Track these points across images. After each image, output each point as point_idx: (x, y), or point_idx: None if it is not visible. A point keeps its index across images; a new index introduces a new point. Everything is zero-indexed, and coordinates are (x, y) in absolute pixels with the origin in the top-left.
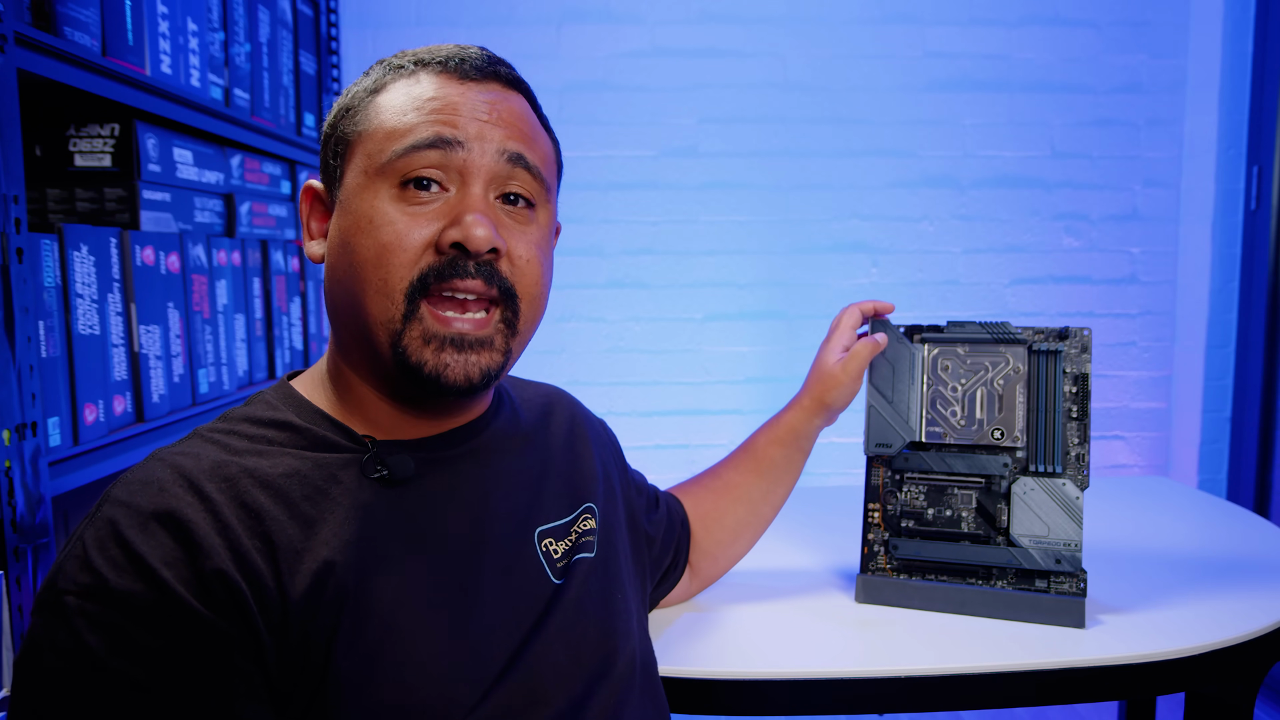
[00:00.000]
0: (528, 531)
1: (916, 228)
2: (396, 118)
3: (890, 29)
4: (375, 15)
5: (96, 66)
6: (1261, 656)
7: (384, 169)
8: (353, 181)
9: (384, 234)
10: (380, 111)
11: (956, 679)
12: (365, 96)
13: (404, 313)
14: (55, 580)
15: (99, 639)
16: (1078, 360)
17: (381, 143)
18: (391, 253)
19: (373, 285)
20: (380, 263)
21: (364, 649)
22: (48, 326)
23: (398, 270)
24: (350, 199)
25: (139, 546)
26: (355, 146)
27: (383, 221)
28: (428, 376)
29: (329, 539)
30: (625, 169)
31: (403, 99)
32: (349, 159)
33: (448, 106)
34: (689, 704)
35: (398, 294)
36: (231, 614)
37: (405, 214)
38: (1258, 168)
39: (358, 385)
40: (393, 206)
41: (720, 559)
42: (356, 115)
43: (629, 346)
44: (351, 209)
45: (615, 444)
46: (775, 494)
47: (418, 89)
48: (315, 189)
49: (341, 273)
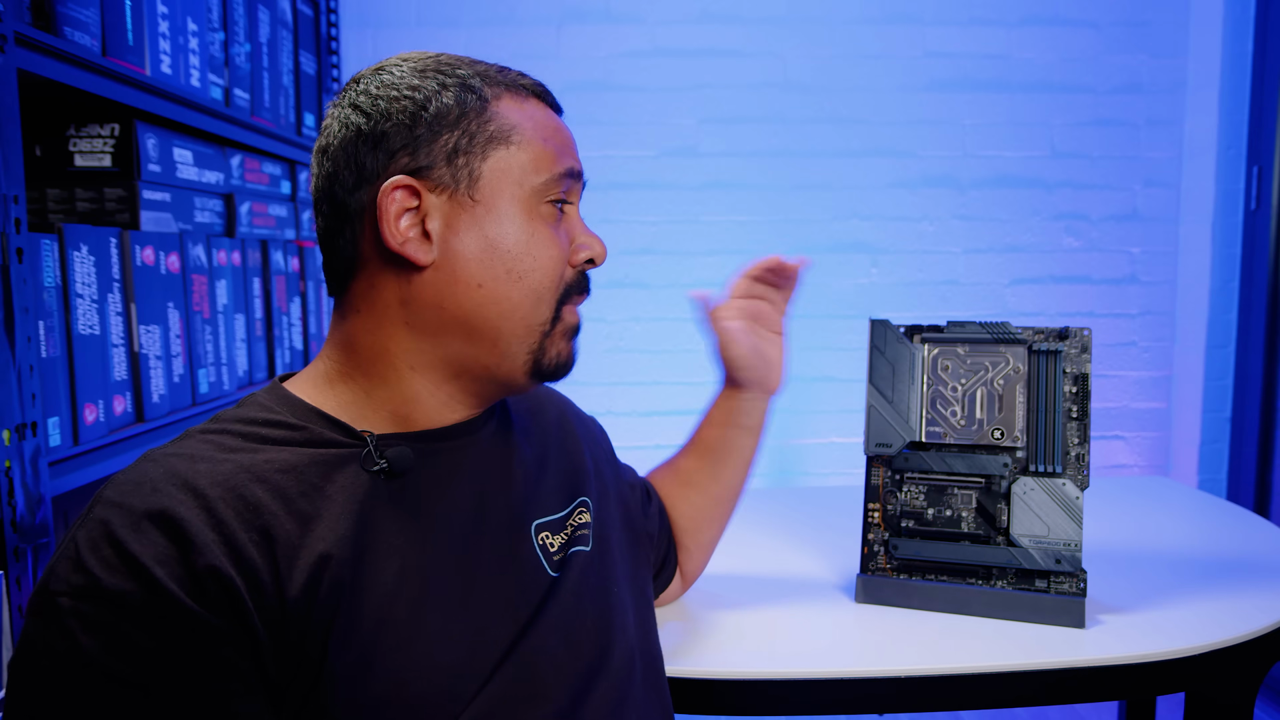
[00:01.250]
0: (524, 524)
1: (916, 228)
2: (542, 139)
3: (890, 29)
4: (375, 15)
5: (96, 66)
6: (1261, 656)
7: (540, 188)
8: (507, 191)
9: (548, 249)
10: (516, 125)
11: (956, 679)
12: (479, 102)
13: (552, 317)
14: (48, 582)
15: (93, 639)
16: (1078, 360)
17: (539, 161)
18: (554, 266)
19: (533, 293)
20: (545, 273)
21: (360, 643)
22: (48, 326)
23: (555, 283)
24: (505, 208)
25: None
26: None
27: (544, 237)
28: (560, 365)
29: (325, 534)
30: (625, 169)
31: (531, 120)
32: (485, 164)
33: (569, 139)
34: (689, 704)
35: (552, 301)
36: (225, 610)
37: (554, 232)
38: (1258, 168)
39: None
40: (547, 223)
41: (693, 549)
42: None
43: (629, 346)
44: (509, 218)
45: (606, 440)
46: (724, 475)
47: (539, 115)
48: (410, 185)
49: (492, 278)
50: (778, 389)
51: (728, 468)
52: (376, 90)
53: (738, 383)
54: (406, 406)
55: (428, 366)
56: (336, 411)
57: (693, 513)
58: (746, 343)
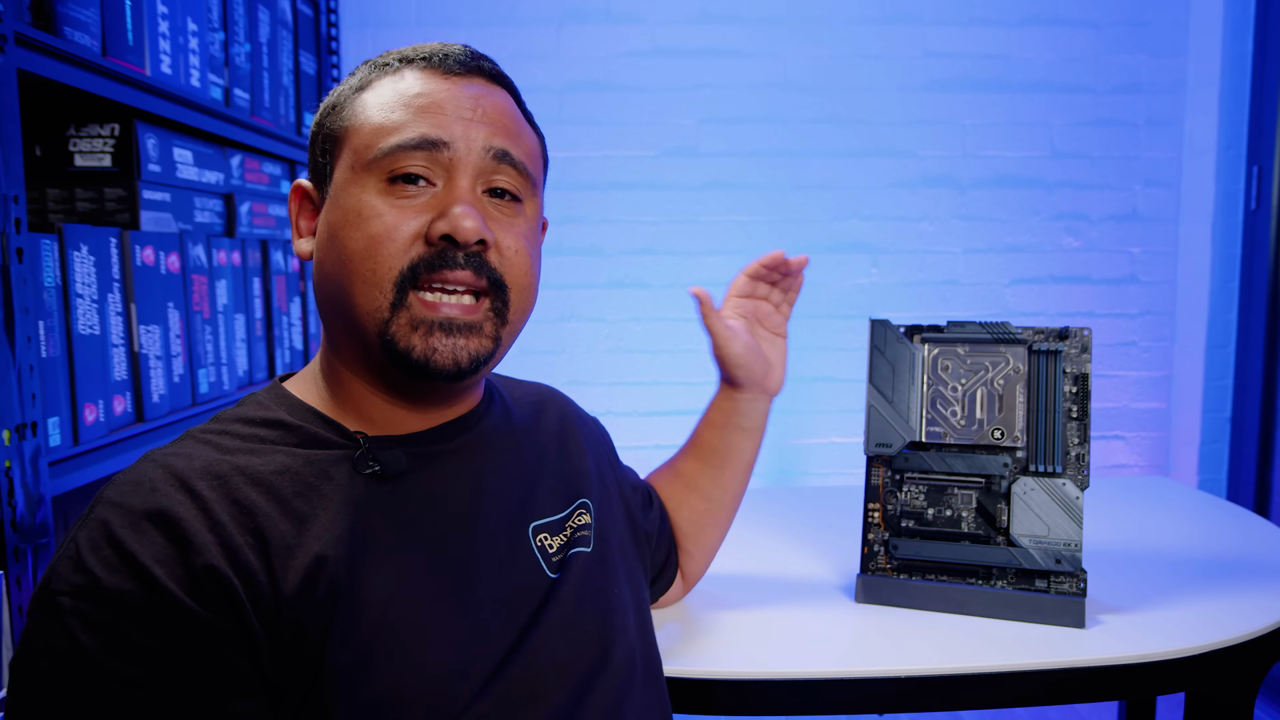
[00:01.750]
0: (522, 526)
1: (916, 228)
2: (384, 114)
3: (890, 29)
4: (375, 15)
5: (96, 66)
6: (1261, 656)
7: (371, 165)
8: (341, 177)
9: (372, 226)
10: (367, 108)
11: (956, 679)
12: (351, 94)
13: (392, 301)
14: (49, 581)
15: (93, 638)
16: (1078, 360)
17: (369, 139)
18: (380, 244)
19: (361, 276)
20: (369, 254)
21: (358, 643)
22: (48, 326)
23: (386, 261)
24: (339, 194)
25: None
26: (343, 143)
27: (371, 214)
28: (416, 361)
29: (321, 534)
30: (625, 169)
31: (389, 95)
32: (337, 156)
33: (434, 104)
34: (689, 704)
35: (386, 284)
36: (224, 610)
37: (393, 206)
38: (1258, 168)
39: (350, 381)
40: (380, 200)
41: (694, 552)
42: (343, 112)
43: (629, 346)
44: (340, 203)
45: (608, 442)
46: (724, 478)
47: (403, 85)
48: (304, 187)
49: (330, 266)
50: (778, 390)
51: (727, 470)
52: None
53: (736, 383)
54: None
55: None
56: (330, 411)
57: (694, 516)
58: (745, 341)
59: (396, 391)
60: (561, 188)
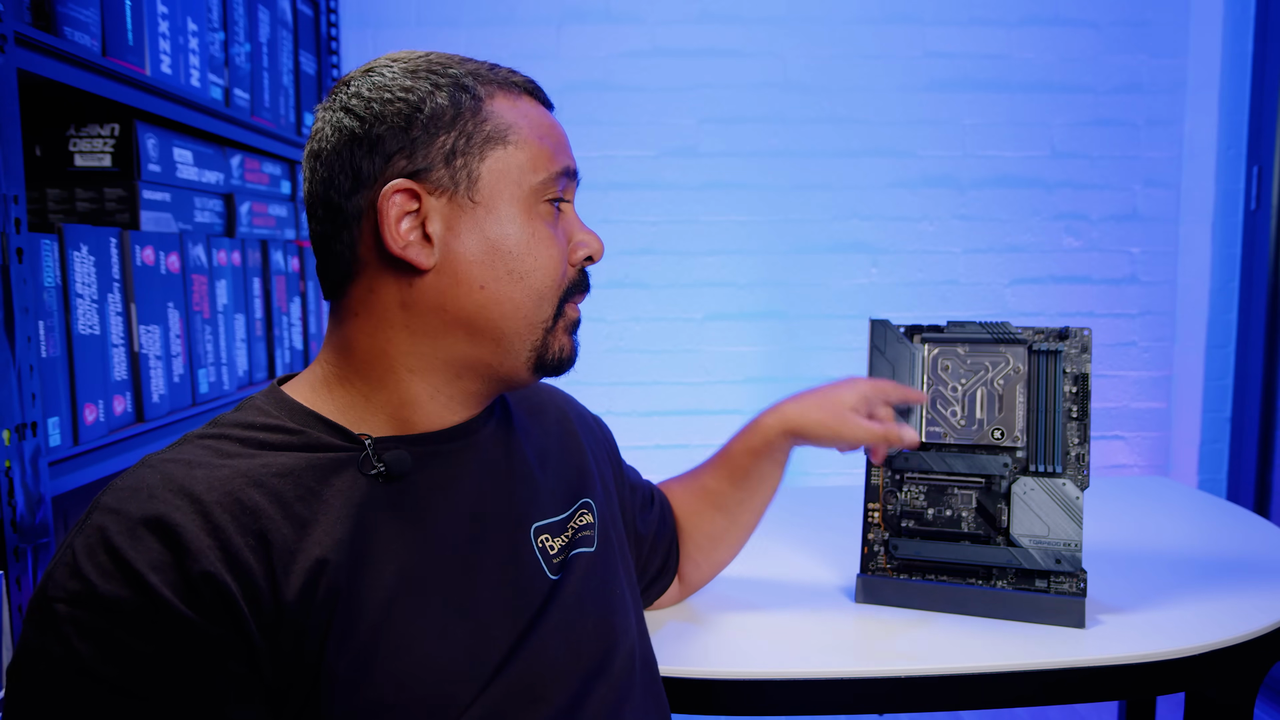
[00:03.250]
0: (524, 527)
1: (916, 228)
2: (538, 138)
3: (890, 29)
4: (375, 15)
5: (96, 66)
6: (1261, 656)
7: (538, 187)
8: (506, 191)
9: (548, 248)
10: (517, 128)
11: (956, 679)
12: (473, 102)
13: (554, 313)
14: (46, 588)
15: (88, 646)
16: (1078, 360)
17: (536, 161)
18: (555, 265)
19: (535, 291)
20: (546, 272)
21: (358, 647)
22: (48, 326)
23: (557, 281)
24: (504, 208)
25: (127, 552)
26: (493, 154)
27: (544, 236)
28: (562, 360)
29: (322, 538)
30: (625, 169)
31: (526, 119)
32: (483, 165)
33: (563, 137)
34: (689, 704)
35: (554, 299)
36: (221, 616)
37: (553, 231)
38: (1258, 168)
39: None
40: (547, 222)
41: (702, 564)
42: (482, 122)
43: (629, 346)
44: (509, 219)
45: (610, 440)
46: (752, 502)
47: (532, 110)
48: (410, 189)
49: (494, 278)
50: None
51: (757, 495)
52: (369, 93)
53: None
54: (406, 409)
55: (428, 369)
56: (334, 415)
57: (713, 532)
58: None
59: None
60: None
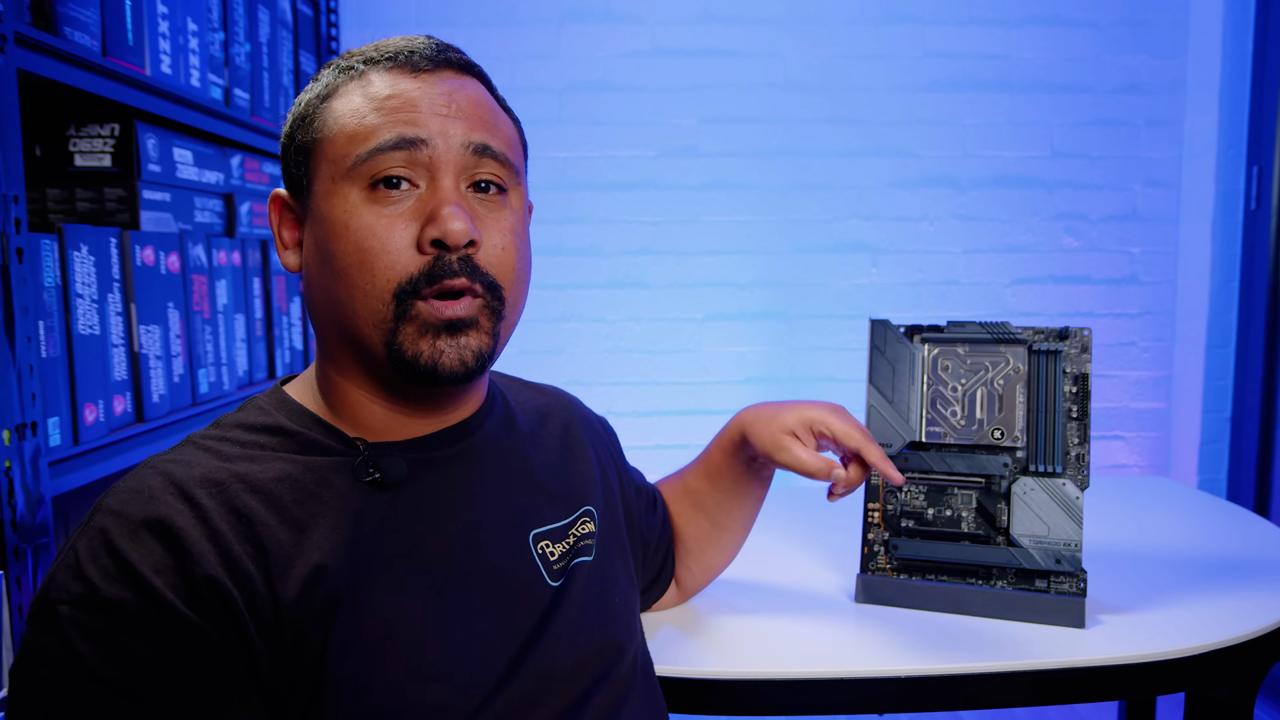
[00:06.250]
0: (522, 534)
1: (916, 228)
2: (356, 120)
3: (890, 29)
4: (375, 15)
5: (96, 66)
6: (1261, 656)
7: (351, 173)
8: (321, 188)
9: (364, 240)
10: (338, 116)
11: (956, 679)
12: (318, 103)
13: (395, 312)
14: (48, 590)
15: (91, 648)
16: (1078, 360)
17: (344, 147)
18: (375, 257)
19: (359, 289)
20: (364, 267)
21: (358, 653)
22: (48, 326)
23: (383, 273)
24: (321, 206)
25: (130, 555)
26: (317, 154)
27: (359, 226)
28: (424, 367)
29: (320, 543)
30: (625, 169)
31: (359, 101)
32: (313, 166)
33: (406, 103)
34: (689, 704)
35: (386, 295)
36: (222, 620)
37: (381, 216)
38: (1258, 168)
39: (347, 389)
40: (366, 210)
41: (694, 569)
42: (314, 123)
43: (629, 346)
44: (325, 216)
45: (615, 442)
46: (729, 503)
47: (371, 89)
48: (283, 198)
49: (322, 279)
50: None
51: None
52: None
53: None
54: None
55: (350, 376)
56: (330, 416)
57: (698, 534)
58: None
59: (398, 397)
60: (561, 188)
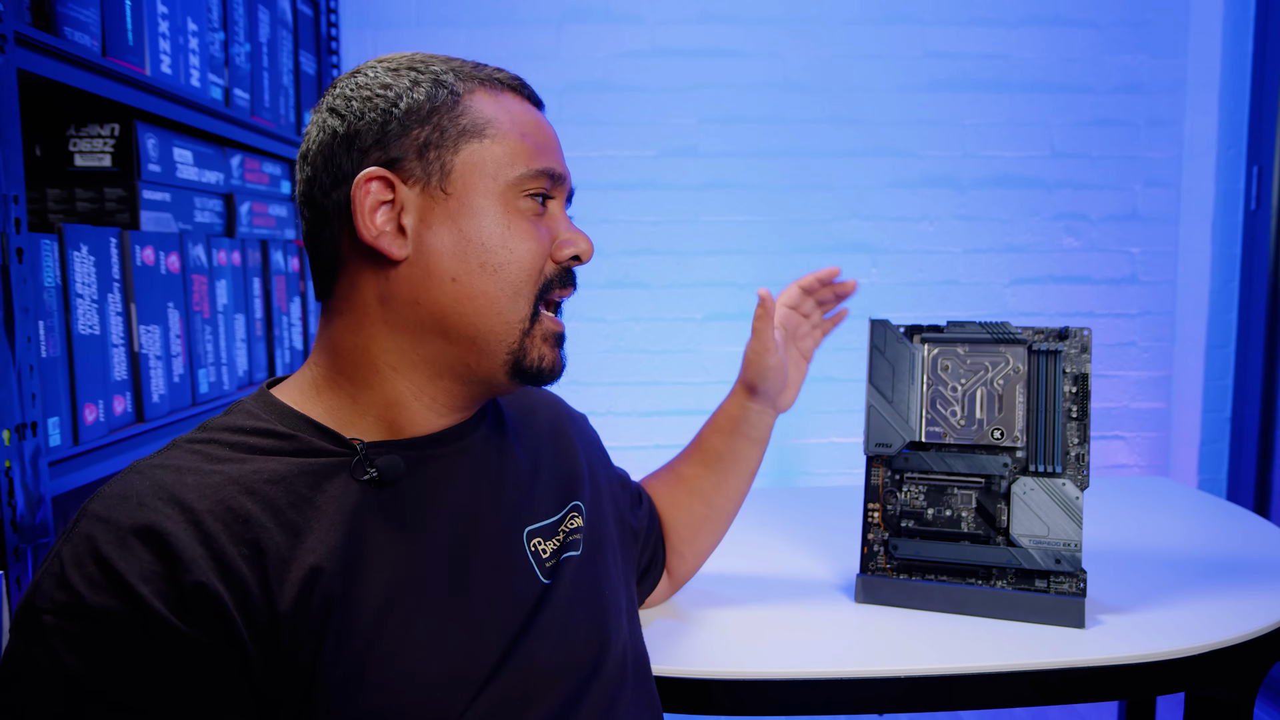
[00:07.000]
0: (517, 531)
1: (916, 228)
2: (519, 133)
3: (890, 29)
4: (375, 15)
5: (96, 66)
6: (1261, 656)
7: (515, 182)
8: (479, 184)
9: (524, 242)
10: (490, 119)
11: (956, 679)
12: (451, 96)
13: (530, 314)
14: (33, 599)
15: (76, 658)
16: (1078, 360)
17: (513, 155)
18: (531, 259)
19: (510, 285)
20: (521, 266)
21: (352, 655)
22: (48, 326)
23: (533, 277)
24: (477, 201)
25: (116, 563)
26: (468, 147)
27: (520, 230)
28: (544, 370)
29: (315, 546)
30: (625, 169)
31: (507, 114)
32: (457, 157)
33: (546, 136)
34: (688, 704)
35: (531, 295)
36: (213, 627)
37: (534, 226)
38: (1258, 168)
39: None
40: (523, 217)
41: (687, 555)
42: (457, 116)
43: (629, 346)
44: (481, 211)
45: (597, 439)
46: (727, 485)
47: (514, 107)
48: (385, 177)
49: (467, 272)
50: (786, 409)
51: (732, 477)
52: (351, 92)
53: (753, 393)
54: (393, 412)
55: (409, 367)
56: (325, 419)
57: (692, 520)
58: (780, 357)
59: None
60: None
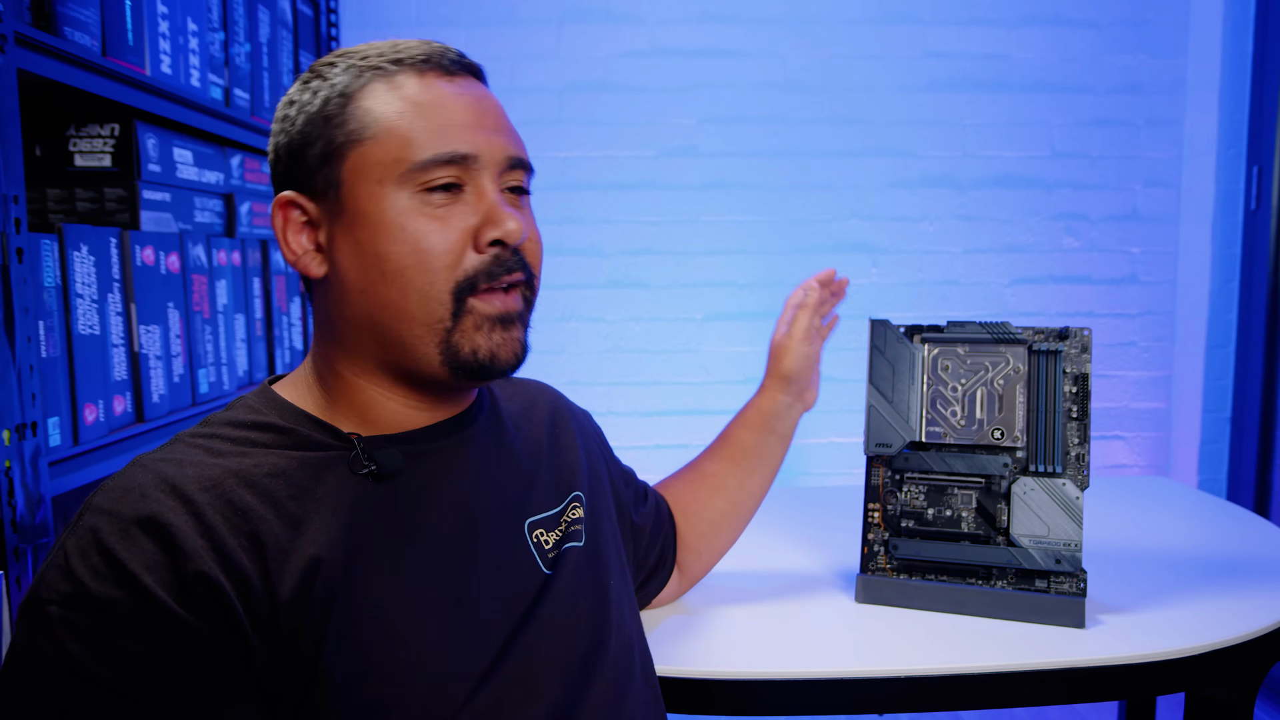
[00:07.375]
0: (518, 523)
1: (916, 228)
2: (404, 123)
3: (890, 29)
4: (375, 15)
5: (96, 66)
6: (1261, 656)
7: (404, 177)
8: (366, 191)
9: (422, 241)
10: (377, 118)
11: (956, 679)
12: (342, 102)
13: (453, 311)
14: (38, 590)
15: (82, 648)
16: (1078, 360)
17: (395, 151)
18: (434, 257)
19: (416, 290)
20: (423, 268)
21: (354, 646)
22: (48, 326)
23: (442, 273)
24: (368, 208)
25: (120, 553)
26: (355, 154)
27: (415, 228)
28: (482, 361)
29: (316, 536)
30: (625, 169)
31: (398, 104)
32: (350, 167)
33: (449, 114)
34: (688, 704)
35: (445, 295)
36: (215, 616)
37: (434, 219)
38: (1258, 168)
39: (363, 386)
40: (420, 213)
41: (704, 553)
42: (344, 123)
43: (629, 346)
44: (374, 219)
45: (600, 434)
46: (752, 481)
47: (407, 91)
48: (295, 200)
49: (367, 282)
50: (810, 407)
51: (757, 473)
52: (278, 111)
53: (786, 385)
54: (374, 412)
55: (367, 374)
56: (323, 414)
57: (715, 517)
58: (811, 351)
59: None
60: (561, 188)
